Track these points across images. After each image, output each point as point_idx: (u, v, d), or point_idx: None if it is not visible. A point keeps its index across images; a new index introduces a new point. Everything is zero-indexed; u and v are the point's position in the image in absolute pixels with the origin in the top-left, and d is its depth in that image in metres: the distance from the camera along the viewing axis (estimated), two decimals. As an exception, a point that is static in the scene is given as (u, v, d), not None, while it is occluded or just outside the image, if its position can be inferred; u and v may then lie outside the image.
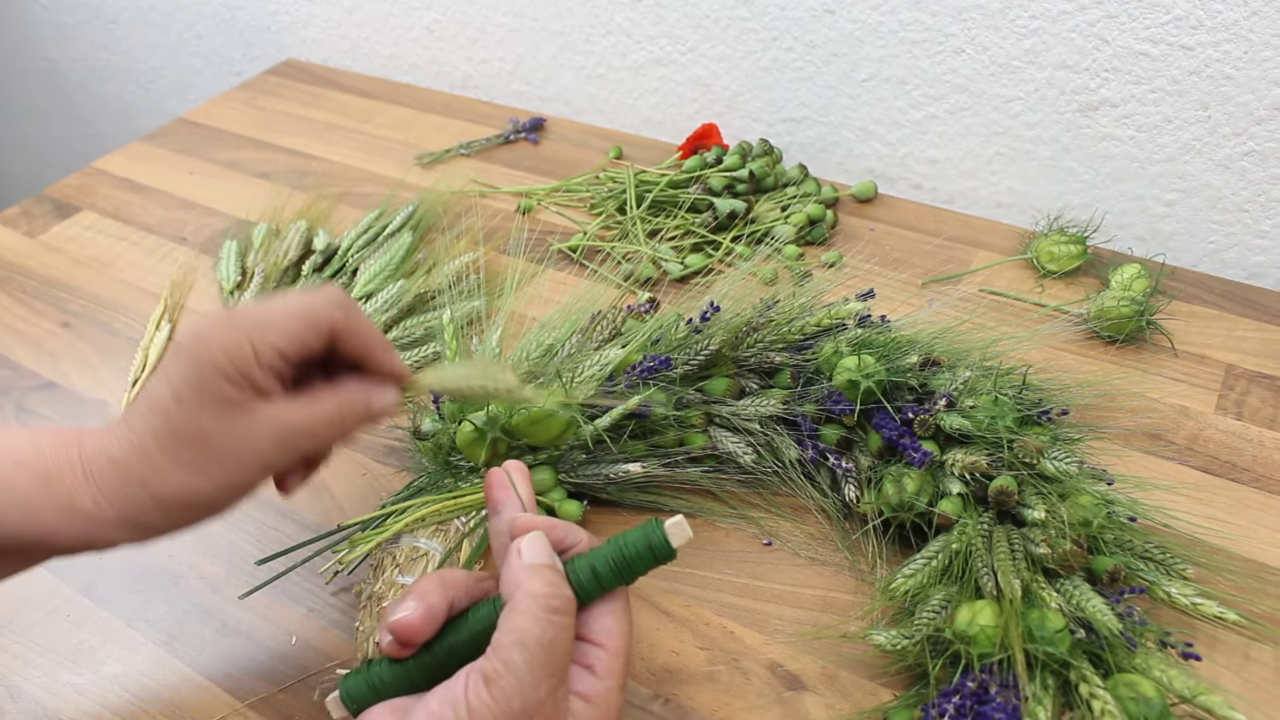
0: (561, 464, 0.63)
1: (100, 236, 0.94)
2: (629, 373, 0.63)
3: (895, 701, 0.53)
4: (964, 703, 0.49)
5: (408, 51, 1.23)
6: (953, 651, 0.51)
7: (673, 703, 0.54)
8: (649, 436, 0.64)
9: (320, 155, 1.07)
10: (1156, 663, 0.50)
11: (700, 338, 0.65)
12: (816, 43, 0.95)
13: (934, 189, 0.98)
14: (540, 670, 0.39)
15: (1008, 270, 0.85)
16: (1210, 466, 0.67)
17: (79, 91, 1.71)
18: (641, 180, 0.93)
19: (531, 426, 0.58)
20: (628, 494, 0.64)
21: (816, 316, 0.67)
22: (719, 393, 0.65)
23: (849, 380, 0.62)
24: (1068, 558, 0.54)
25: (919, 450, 0.60)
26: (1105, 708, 0.47)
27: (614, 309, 0.69)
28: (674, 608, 0.59)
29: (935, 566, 0.56)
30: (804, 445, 0.64)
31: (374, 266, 0.82)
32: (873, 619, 0.58)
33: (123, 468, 0.43)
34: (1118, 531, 0.57)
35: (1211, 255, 0.88)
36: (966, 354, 0.66)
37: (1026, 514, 0.57)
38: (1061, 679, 0.50)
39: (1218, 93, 0.80)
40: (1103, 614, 0.51)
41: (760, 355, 0.66)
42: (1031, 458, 0.58)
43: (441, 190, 0.94)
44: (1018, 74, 0.87)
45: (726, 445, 0.65)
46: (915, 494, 0.59)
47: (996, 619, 0.51)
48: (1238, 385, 0.73)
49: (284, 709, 0.54)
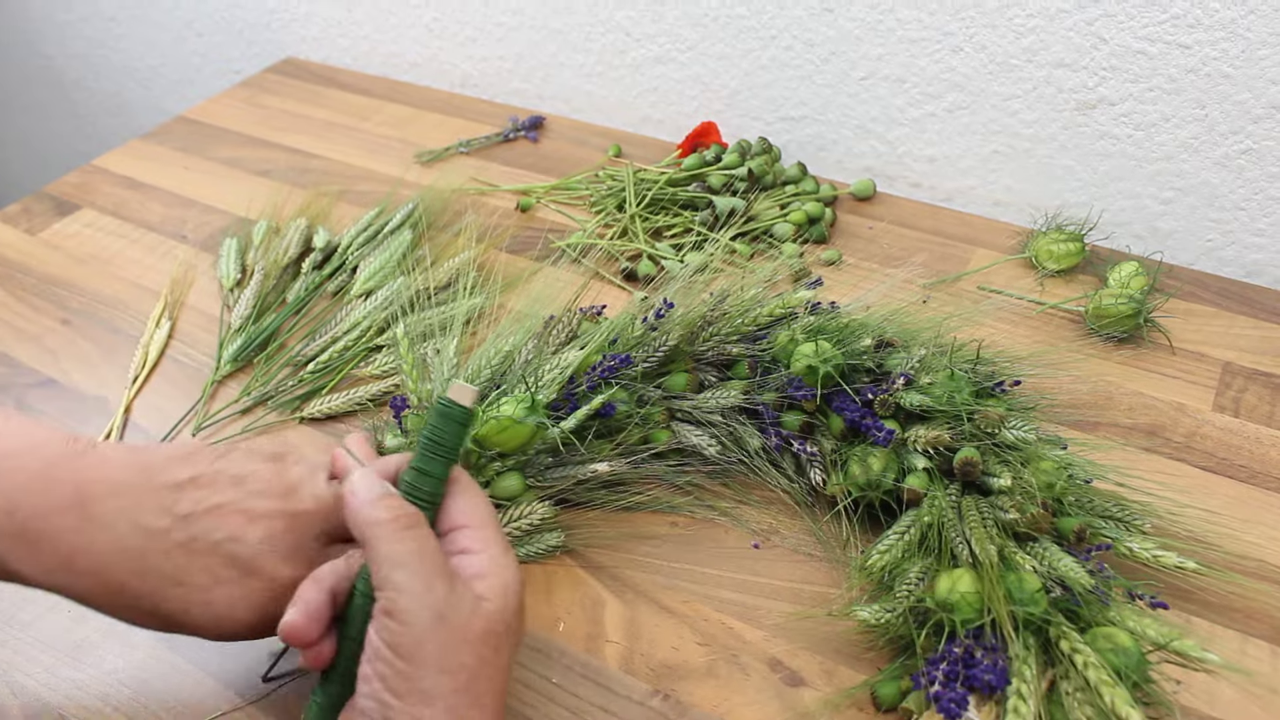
0: (530, 468, 0.63)
1: (100, 234, 0.94)
2: (590, 374, 0.64)
3: (881, 675, 0.54)
4: (952, 668, 0.50)
5: (407, 50, 1.23)
6: (935, 621, 0.52)
7: (672, 698, 0.54)
8: (614, 435, 0.64)
9: (320, 153, 1.07)
10: (1129, 614, 0.53)
11: (657, 335, 0.66)
12: (815, 41, 0.95)
13: (932, 187, 0.98)
14: (427, 576, 0.41)
15: (1006, 268, 0.85)
16: (1207, 464, 0.67)
17: (78, 89, 1.71)
18: (641, 178, 0.93)
19: (499, 435, 0.59)
20: (597, 494, 0.65)
21: (768, 306, 0.68)
22: (679, 388, 0.66)
23: (807, 366, 0.63)
24: (1036, 521, 0.56)
25: (882, 429, 0.61)
26: (1087, 660, 0.49)
27: (568, 312, 0.70)
28: (673, 604, 0.59)
29: (909, 540, 0.58)
30: (767, 433, 0.65)
31: (374, 264, 0.82)
32: (853, 597, 0.59)
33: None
34: (1078, 492, 0.59)
35: (1209, 253, 0.88)
36: (918, 334, 0.68)
37: (992, 483, 0.59)
38: (1042, 638, 0.52)
39: (1215, 91, 0.80)
40: (1075, 572, 0.53)
41: (717, 348, 0.67)
42: (993, 427, 0.60)
43: (441, 188, 0.94)
44: (1016, 72, 0.87)
45: (690, 439, 0.65)
46: (882, 472, 0.60)
47: (976, 585, 0.53)
48: (1235, 382, 0.73)
49: (286, 705, 0.54)
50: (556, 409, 0.62)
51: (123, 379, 0.77)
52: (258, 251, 0.87)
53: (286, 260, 0.85)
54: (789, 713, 0.53)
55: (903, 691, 0.52)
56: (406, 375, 0.65)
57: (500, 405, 0.59)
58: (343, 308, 0.79)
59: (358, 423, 0.72)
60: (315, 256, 0.85)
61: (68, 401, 0.75)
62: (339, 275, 0.84)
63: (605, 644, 0.57)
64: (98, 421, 0.73)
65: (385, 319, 0.77)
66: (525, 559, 0.61)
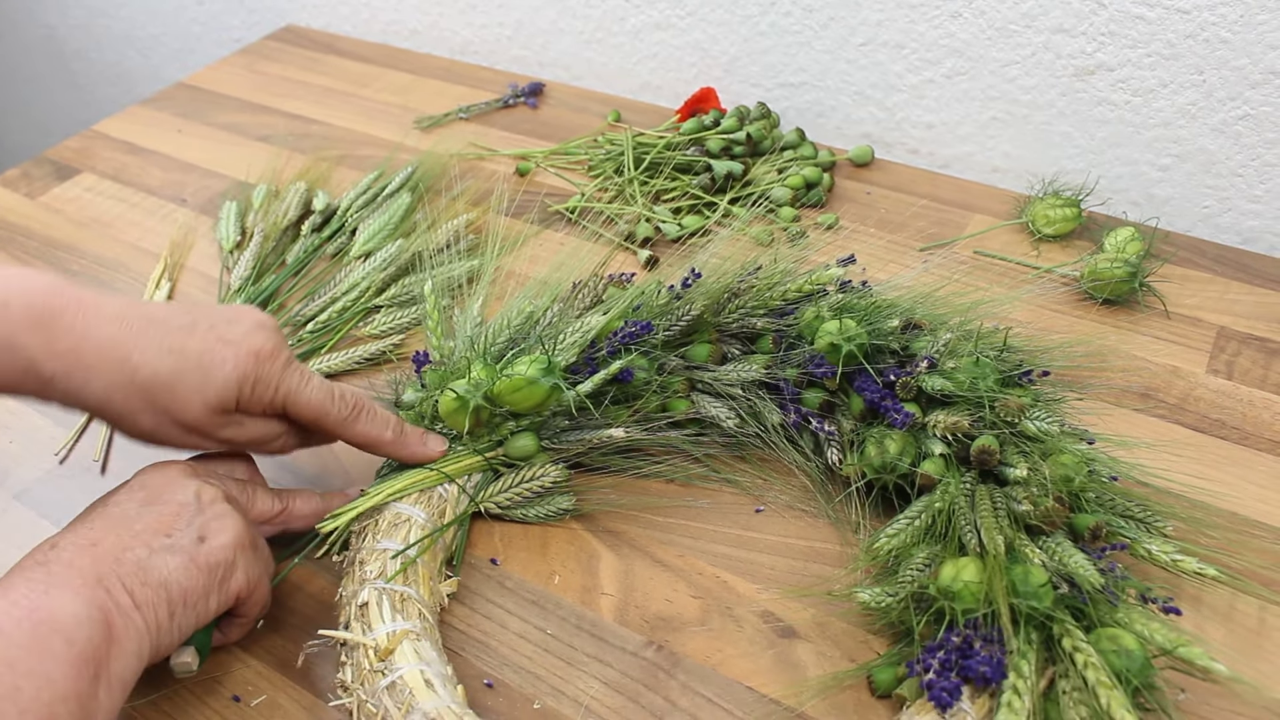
0: (545, 430, 0.63)
1: (100, 198, 0.95)
2: (610, 339, 0.63)
3: (879, 660, 0.54)
4: (949, 657, 0.49)
5: (407, 17, 1.23)
6: (936, 608, 0.52)
7: (665, 649, 0.55)
8: (631, 402, 0.64)
9: (320, 119, 1.07)
10: (1138, 617, 0.50)
11: (681, 304, 0.66)
12: (814, 7, 0.95)
13: (930, 153, 0.98)
14: None
15: (1003, 234, 0.85)
16: (1200, 425, 0.67)
17: (78, 59, 1.71)
18: (639, 143, 0.93)
19: (514, 394, 0.59)
20: (611, 459, 0.65)
21: (797, 282, 0.67)
22: (701, 358, 0.66)
23: (831, 344, 0.62)
24: (1050, 515, 0.54)
25: (901, 412, 0.60)
26: (1089, 660, 0.48)
27: (595, 277, 0.70)
28: (668, 557, 0.60)
29: (919, 526, 0.57)
30: (786, 409, 0.64)
31: (373, 226, 0.82)
32: (857, 578, 0.59)
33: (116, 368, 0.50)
34: (1099, 489, 0.58)
35: (1205, 219, 0.88)
36: (947, 317, 0.67)
37: (1008, 473, 0.58)
38: (1044, 634, 0.51)
39: (1213, 57, 0.80)
40: (1085, 569, 0.51)
41: (742, 321, 0.67)
42: (1014, 417, 0.58)
43: (440, 153, 0.94)
44: (1014, 38, 0.87)
45: (709, 410, 0.65)
46: (898, 455, 0.59)
47: (980, 574, 0.51)
48: (1229, 347, 0.73)
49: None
50: (576, 372, 0.62)
51: (123, 339, 0.77)
52: (257, 214, 0.87)
53: (286, 223, 0.85)
54: (781, 665, 0.54)
55: (899, 678, 0.52)
56: (431, 332, 0.66)
57: (516, 365, 0.60)
58: (342, 269, 0.79)
59: (362, 380, 0.72)
60: (315, 219, 0.86)
61: (69, 361, 0.76)
62: (338, 237, 0.84)
63: (600, 596, 0.58)
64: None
65: (384, 280, 0.78)
66: (534, 521, 0.62)
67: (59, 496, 0.65)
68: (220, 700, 0.53)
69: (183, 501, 0.50)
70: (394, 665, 0.48)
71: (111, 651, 0.43)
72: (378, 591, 0.52)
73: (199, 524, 0.50)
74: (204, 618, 0.49)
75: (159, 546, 0.48)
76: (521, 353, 0.63)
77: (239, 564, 0.51)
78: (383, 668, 0.48)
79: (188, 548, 0.49)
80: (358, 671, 0.49)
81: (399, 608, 0.52)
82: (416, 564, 0.55)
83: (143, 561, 0.47)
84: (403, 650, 0.49)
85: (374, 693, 0.48)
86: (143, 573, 0.46)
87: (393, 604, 0.52)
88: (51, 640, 0.41)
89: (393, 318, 0.75)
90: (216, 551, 0.49)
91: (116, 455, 0.68)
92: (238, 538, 0.51)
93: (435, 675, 0.49)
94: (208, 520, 0.50)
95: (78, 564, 0.45)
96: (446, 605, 0.57)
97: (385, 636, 0.50)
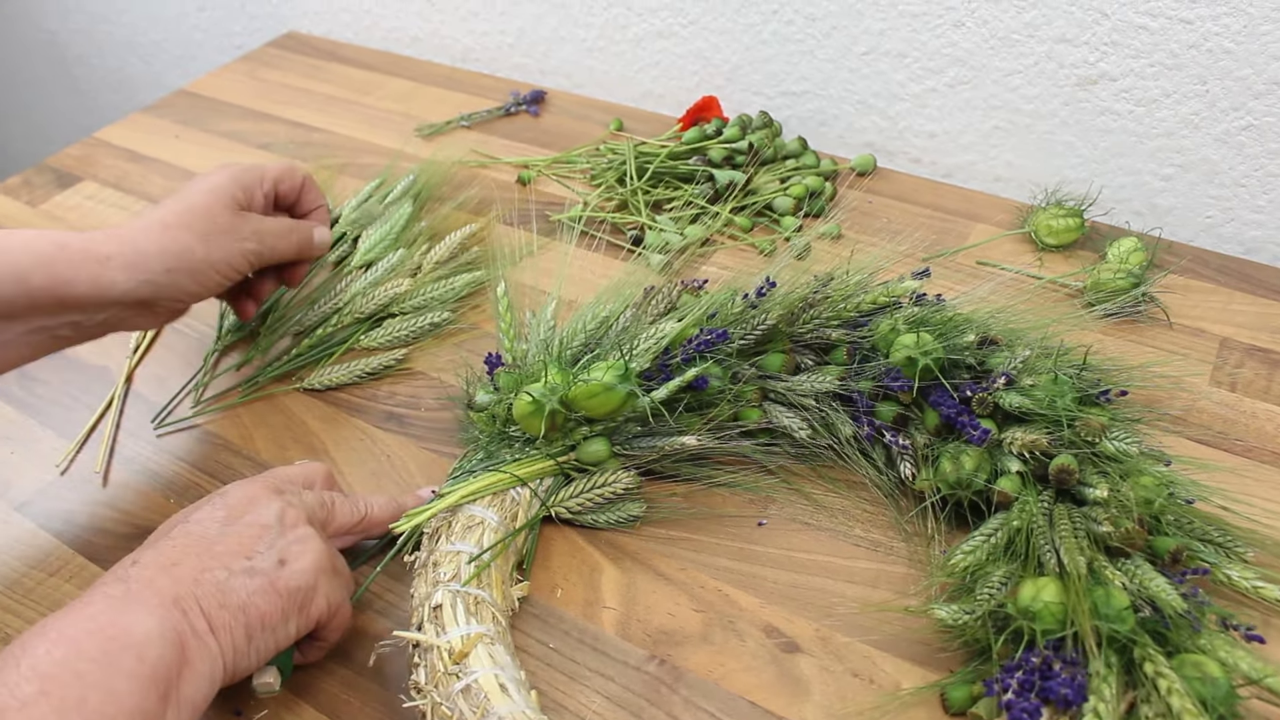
0: (617, 436, 0.62)
1: (101, 206, 0.95)
2: (685, 346, 0.63)
3: (953, 677, 0.53)
4: (1028, 678, 0.49)
5: (409, 24, 1.23)
6: (1014, 628, 0.51)
7: (668, 663, 0.55)
8: (704, 410, 0.64)
9: (321, 127, 1.07)
10: (1221, 644, 0.50)
11: (756, 313, 0.65)
12: (817, 16, 0.95)
13: (933, 163, 0.98)
14: None
15: (1005, 244, 0.85)
16: (1204, 438, 0.67)
17: (79, 64, 1.71)
18: (641, 152, 0.93)
19: (589, 399, 0.59)
20: (682, 467, 0.65)
21: (872, 294, 0.66)
22: (775, 368, 0.65)
23: (907, 357, 0.61)
24: (1130, 537, 0.53)
25: (978, 428, 0.59)
26: (1172, 686, 0.47)
27: (669, 284, 0.69)
28: (670, 571, 0.60)
29: (995, 543, 0.56)
30: (859, 421, 0.64)
31: (374, 235, 0.82)
32: (931, 594, 0.58)
33: (143, 228, 0.60)
34: (1178, 512, 0.57)
35: (1208, 230, 0.88)
36: (1024, 333, 0.66)
37: (1087, 493, 0.57)
38: (1124, 658, 0.50)
39: (1216, 67, 0.80)
40: (1167, 593, 0.50)
41: (816, 331, 0.66)
42: (1094, 436, 0.57)
43: (442, 160, 0.94)
44: (1017, 47, 0.87)
45: (781, 420, 0.65)
46: (974, 471, 0.58)
47: (1061, 595, 0.51)
48: (1232, 358, 0.73)
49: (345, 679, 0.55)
50: (649, 379, 0.62)
51: (124, 349, 0.77)
52: (259, 223, 0.87)
53: (287, 232, 0.85)
54: (784, 679, 0.54)
55: (974, 696, 0.51)
56: (503, 335, 0.66)
57: (591, 370, 0.60)
58: (343, 279, 0.79)
59: (360, 393, 0.72)
60: (316, 228, 0.85)
61: (70, 371, 0.76)
62: (340, 245, 0.84)
63: (602, 610, 0.58)
64: (99, 390, 0.74)
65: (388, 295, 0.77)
66: (604, 527, 0.62)
67: (60, 508, 0.65)
68: (221, 710, 0.53)
69: (265, 523, 0.50)
70: (468, 669, 0.48)
71: (183, 673, 0.43)
72: (452, 594, 0.52)
73: (280, 547, 0.50)
74: (283, 642, 0.49)
75: (239, 569, 0.48)
76: (596, 358, 0.62)
77: (320, 588, 0.50)
78: (457, 670, 0.48)
79: (268, 571, 0.49)
80: (431, 674, 0.49)
81: (473, 611, 0.51)
82: (490, 567, 0.55)
83: (222, 584, 0.47)
84: (477, 654, 0.49)
85: (449, 696, 0.47)
86: (221, 595, 0.46)
87: (467, 607, 0.51)
88: (122, 656, 0.41)
89: (396, 328, 0.75)
90: (297, 576, 0.49)
91: (118, 467, 0.68)
92: (318, 562, 0.51)
93: (510, 680, 0.48)
94: (289, 544, 0.50)
95: (157, 583, 0.45)
96: (517, 609, 0.57)
97: (460, 639, 0.49)
